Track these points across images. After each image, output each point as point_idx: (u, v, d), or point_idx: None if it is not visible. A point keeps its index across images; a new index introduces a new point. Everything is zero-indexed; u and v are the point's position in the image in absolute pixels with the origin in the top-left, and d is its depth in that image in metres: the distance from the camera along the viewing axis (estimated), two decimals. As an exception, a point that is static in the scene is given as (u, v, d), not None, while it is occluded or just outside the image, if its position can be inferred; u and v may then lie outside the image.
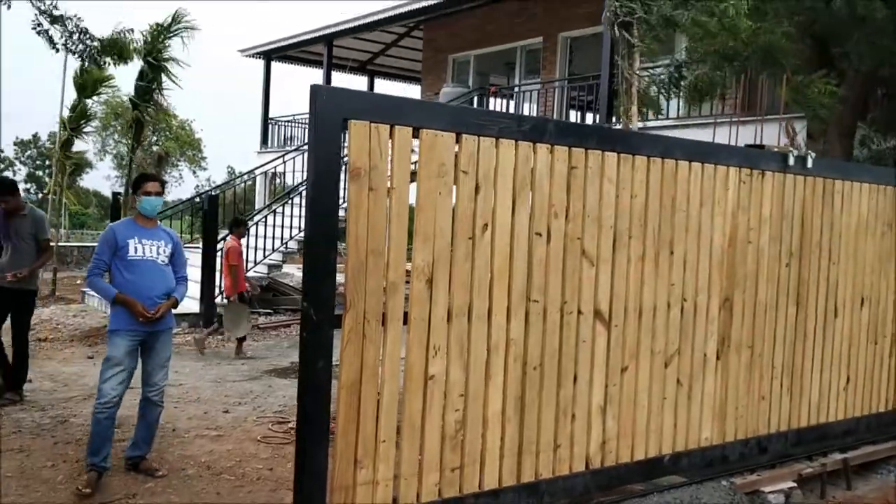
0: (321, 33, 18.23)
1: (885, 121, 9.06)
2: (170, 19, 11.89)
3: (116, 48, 10.13)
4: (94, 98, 13.92)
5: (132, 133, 11.94)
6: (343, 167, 3.45)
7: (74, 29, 7.96)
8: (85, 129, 14.58)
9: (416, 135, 3.50)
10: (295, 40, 19.16)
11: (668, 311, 4.53)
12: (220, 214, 12.59)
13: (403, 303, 3.50)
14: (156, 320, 4.95)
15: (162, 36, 11.61)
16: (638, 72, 7.62)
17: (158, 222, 5.34)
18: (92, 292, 12.95)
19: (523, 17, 15.83)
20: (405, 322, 3.51)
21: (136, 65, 11.93)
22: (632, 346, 4.37)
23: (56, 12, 7.52)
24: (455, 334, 3.66)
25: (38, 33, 7.38)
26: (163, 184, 5.35)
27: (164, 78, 11.88)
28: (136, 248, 4.97)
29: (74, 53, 8.84)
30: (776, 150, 5.39)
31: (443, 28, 17.72)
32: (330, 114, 3.25)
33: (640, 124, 8.80)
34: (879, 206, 5.76)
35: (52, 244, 6.89)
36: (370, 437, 3.42)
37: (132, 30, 11.25)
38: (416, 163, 3.54)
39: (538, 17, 15.64)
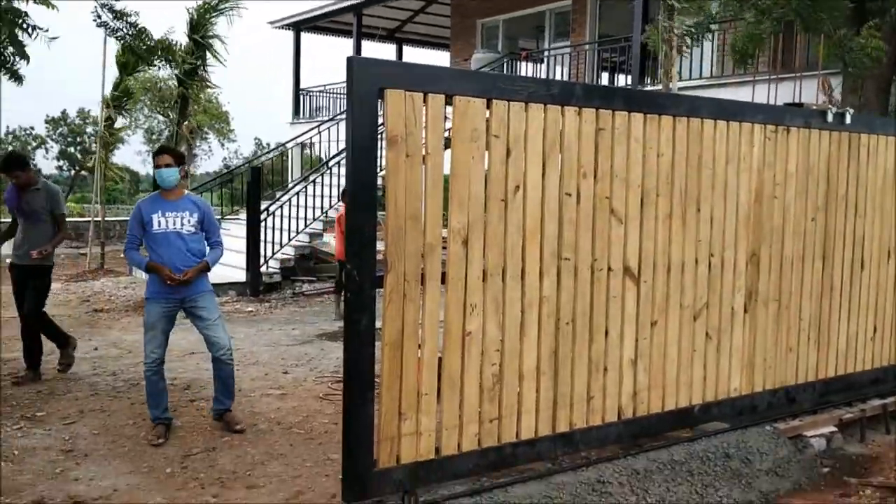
0: (350, 3, 18.28)
1: None
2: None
3: (166, 49, 10.38)
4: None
5: (178, 108, 12.16)
6: (380, 135, 3.60)
7: (130, 26, 8.19)
8: (126, 106, 14.88)
9: (448, 102, 3.64)
10: (324, 10, 19.23)
11: (696, 267, 4.66)
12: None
13: (441, 264, 3.67)
14: (185, 284, 5.23)
15: (208, 14, 11.77)
16: (677, 33, 7.68)
17: (186, 192, 5.56)
18: None
19: None
20: (443, 282, 3.69)
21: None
22: (661, 301, 4.52)
23: (117, 7, 7.72)
24: (490, 293, 3.83)
25: (99, 26, 7.56)
26: (177, 156, 5.50)
27: (208, 55, 12.07)
28: (159, 222, 5.27)
29: (134, 51, 9.04)
30: (815, 107, 5.46)
31: None
32: (367, 84, 3.40)
33: (680, 84, 8.86)
34: (906, 158, 5.80)
35: (66, 219, 6.84)
36: (412, 391, 3.62)
37: (173, 30, 11.43)
38: (449, 129, 3.68)
39: None
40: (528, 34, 18.16)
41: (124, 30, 7.28)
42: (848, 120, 5.35)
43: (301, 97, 20.59)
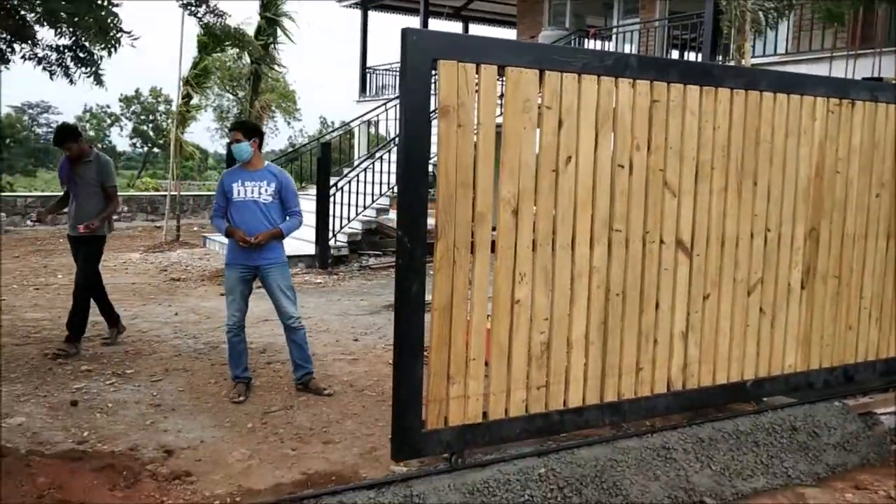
0: None
1: None
2: None
3: (240, 39, 10.73)
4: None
5: (250, 86, 12.48)
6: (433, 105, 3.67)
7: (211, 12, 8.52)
8: (205, 84, 15.31)
9: (501, 73, 3.70)
10: None
11: (751, 241, 4.62)
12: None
13: (491, 232, 3.75)
14: (257, 247, 5.47)
15: None
16: (751, 9, 7.56)
17: (266, 163, 5.78)
18: (212, 237, 13.91)
19: None
20: (493, 251, 3.76)
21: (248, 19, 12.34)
22: (714, 275, 4.50)
23: None
24: (540, 262, 3.89)
25: (189, 13, 7.88)
26: (249, 129, 5.70)
27: (279, 33, 12.34)
28: (238, 191, 5.57)
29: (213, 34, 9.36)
30: (894, 81, 5.32)
31: None
32: (420, 54, 3.48)
33: (753, 60, 8.71)
34: (981, 134, 5.60)
35: (118, 191, 6.96)
36: (461, 356, 3.72)
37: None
38: (502, 98, 3.74)
39: None
40: (597, 11, 17.94)
41: (206, 14, 7.52)
42: None
43: (367, 75, 20.78)
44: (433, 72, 3.54)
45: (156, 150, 49.03)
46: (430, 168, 3.84)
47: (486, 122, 3.66)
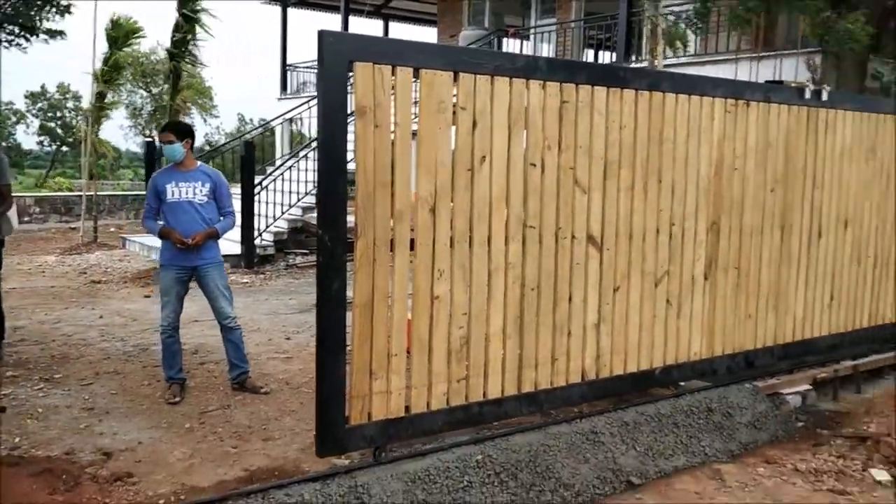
0: None
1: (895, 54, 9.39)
2: None
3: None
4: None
5: (170, 83, 12.19)
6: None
7: None
8: (118, 81, 14.88)
9: (416, 75, 3.79)
10: None
11: (657, 236, 4.85)
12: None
13: (410, 230, 3.84)
14: (194, 248, 5.46)
15: None
16: (663, 12, 7.88)
17: (199, 164, 5.78)
18: (132, 238, 13.69)
19: None
20: (412, 248, 3.85)
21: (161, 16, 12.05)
22: (623, 268, 4.71)
23: None
24: (458, 259, 4.01)
25: None
26: (180, 130, 5.65)
27: (197, 29, 12.10)
28: (172, 192, 5.55)
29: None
30: (794, 84, 5.70)
31: None
32: (336, 56, 3.54)
33: (664, 62, 9.08)
34: (864, 132, 6.02)
35: (12, 190, 6.49)
36: (383, 352, 3.80)
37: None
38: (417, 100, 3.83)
39: None
40: (515, 11, 18.25)
41: None
42: (825, 97, 5.65)
43: (288, 73, 20.59)
44: (350, 73, 3.61)
45: (65, 148, 47.15)
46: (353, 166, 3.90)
47: (402, 122, 3.75)
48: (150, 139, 13.40)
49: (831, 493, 4.33)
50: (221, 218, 5.69)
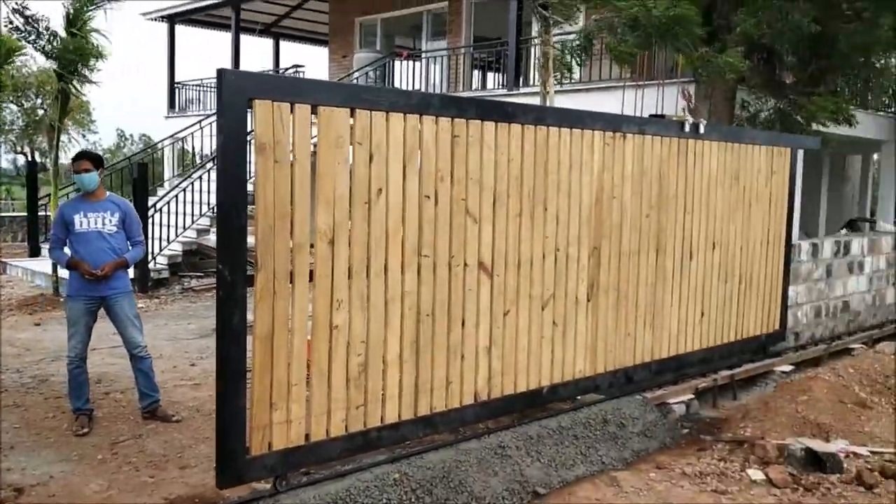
0: None
1: (761, 85, 10.17)
2: None
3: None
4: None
5: (59, 103, 11.64)
6: (249, 142, 3.81)
7: (44, 30, 8.13)
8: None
9: (315, 111, 3.90)
10: (201, 4, 18.81)
11: (544, 261, 5.12)
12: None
13: (309, 261, 3.94)
14: (103, 279, 5.40)
15: (85, 8, 11.37)
16: (554, 45, 8.22)
17: (108, 193, 5.73)
18: (14, 262, 13.27)
19: None
20: (311, 279, 3.95)
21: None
22: (512, 293, 4.95)
23: (28, 12, 7.66)
24: (356, 288, 4.13)
25: (14, 31, 7.37)
26: (96, 160, 5.68)
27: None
28: (81, 222, 5.49)
29: (47, 55, 8.87)
30: (675, 118, 6.21)
31: None
32: (236, 94, 3.61)
33: (556, 88, 9.45)
34: (727, 161, 6.53)
35: None
36: (283, 382, 3.87)
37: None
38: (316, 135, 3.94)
39: None
40: (406, 33, 18.59)
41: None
42: (701, 130, 6.16)
43: (176, 90, 20.05)
44: (249, 110, 3.68)
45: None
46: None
47: (301, 157, 3.85)
48: (24, 155, 12.85)
49: (714, 494, 4.76)
50: (131, 247, 5.66)
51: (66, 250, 5.56)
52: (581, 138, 5.27)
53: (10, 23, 7.83)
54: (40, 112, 30.57)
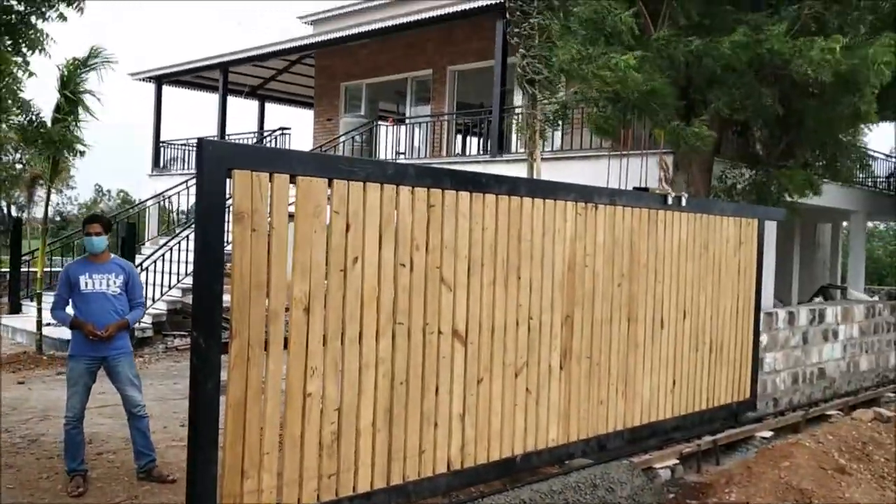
0: (218, 61, 18.29)
1: (737, 157, 10.60)
2: (87, 54, 11.84)
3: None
4: None
5: (50, 166, 11.72)
6: (228, 210, 3.87)
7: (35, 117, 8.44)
8: None
9: (293, 180, 3.99)
10: (190, 66, 19.10)
11: (517, 329, 5.18)
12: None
13: (284, 329, 3.96)
14: (106, 339, 5.44)
15: (79, 70, 11.57)
16: (540, 119, 8.51)
17: (112, 256, 5.81)
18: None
19: (414, 51, 16.63)
20: (286, 346, 3.97)
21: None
22: (486, 361, 4.99)
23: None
24: (330, 356, 4.16)
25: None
26: (106, 224, 5.83)
27: (80, 110, 11.81)
28: (86, 283, 5.56)
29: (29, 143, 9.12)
30: (658, 191, 6.46)
31: (336, 56, 18.25)
32: (215, 164, 3.69)
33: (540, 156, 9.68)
34: (697, 231, 6.68)
35: None
36: (255, 450, 3.85)
37: None
38: (294, 204, 4.02)
39: (428, 51, 16.52)
40: (390, 98, 19.00)
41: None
42: (684, 203, 6.42)
43: (161, 149, 20.17)
44: (228, 179, 3.75)
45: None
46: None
47: (279, 226, 3.92)
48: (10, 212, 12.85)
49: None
50: (132, 308, 5.70)
51: (69, 310, 5.61)
52: (554, 208, 5.39)
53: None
54: (18, 167, 30.56)
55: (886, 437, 7.46)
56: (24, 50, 8.01)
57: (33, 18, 7.87)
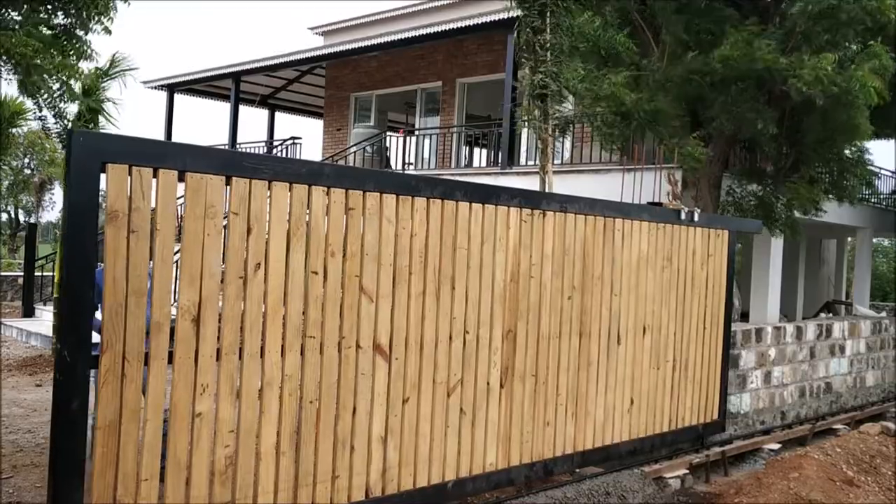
0: (230, 70, 18.25)
1: (744, 172, 10.58)
2: (108, 63, 11.72)
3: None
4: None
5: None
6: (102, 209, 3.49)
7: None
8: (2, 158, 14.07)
9: (182, 178, 3.60)
10: (202, 75, 18.99)
11: (450, 344, 4.78)
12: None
13: (169, 342, 3.57)
14: None
15: (101, 80, 11.46)
16: (552, 134, 8.47)
17: None
18: (8, 322, 13.12)
19: (424, 63, 16.63)
20: (171, 361, 3.58)
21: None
22: (413, 378, 4.59)
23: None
24: (225, 372, 3.76)
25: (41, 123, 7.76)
26: None
27: (100, 118, 11.70)
28: None
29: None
30: (671, 207, 6.38)
31: (346, 67, 18.25)
32: (87, 157, 3.30)
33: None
34: (659, 242, 6.28)
35: None
36: (131, 476, 3.45)
37: None
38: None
39: (438, 63, 16.51)
40: (399, 109, 19.03)
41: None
42: (696, 218, 6.37)
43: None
44: (103, 174, 3.37)
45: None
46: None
47: (164, 227, 3.53)
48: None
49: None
50: None
51: (98, 315, 5.30)
52: (495, 214, 4.99)
53: (40, 118, 8.65)
54: (27, 171, 30.51)
55: (894, 451, 7.46)
56: (73, 60, 8.25)
57: (78, 31, 8.01)
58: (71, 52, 8.14)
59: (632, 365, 6.11)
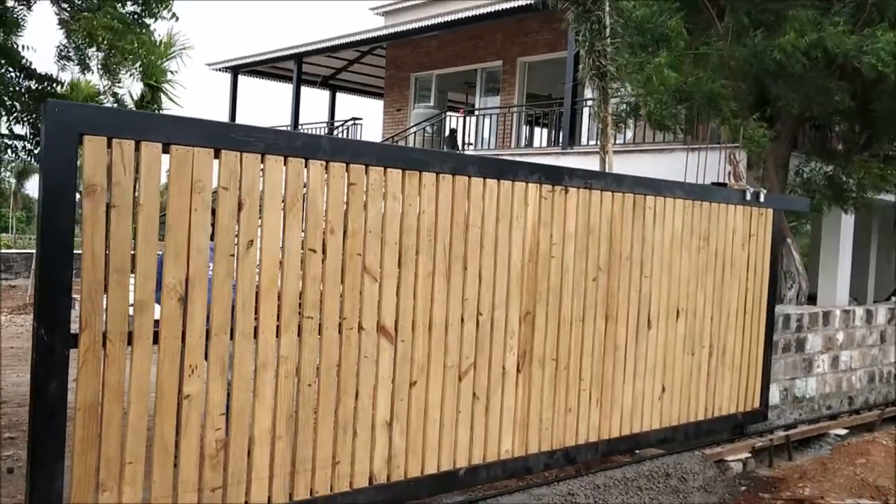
0: (292, 52, 18.45)
1: (813, 151, 10.31)
2: (164, 41, 11.93)
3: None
4: None
5: None
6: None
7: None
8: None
9: (167, 150, 3.46)
10: (265, 57, 19.25)
11: (462, 326, 4.56)
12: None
13: (154, 322, 3.45)
14: None
15: (160, 60, 11.70)
16: (612, 115, 8.42)
17: None
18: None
19: (484, 42, 16.52)
20: (156, 341, 3.46)
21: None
22: (421, 361, 4.39)
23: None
24: (216, 353, 3.62)
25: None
26: None
27: (162, 98, 11.94)
28: None
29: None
30: (736, 188, 6.13)
31: (406, 47, 18.25)
32: (63, 129, 3.18)
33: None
34: (695, 221, 5.93)
35: None
36: (115, 460, 3.35)
37: None
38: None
39: (498, 42, 16.40)
40: (459, 88, 18.98)
41: None
42: (762, 198, 6.20)
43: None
44: (81, 147, 3.24)
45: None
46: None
47: (148, 203, 3.39)
48: None
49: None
50: None
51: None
52: (511, 191, 4.74)
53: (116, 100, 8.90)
54: None
55: (965, 438, 7.27)
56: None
57: (146, 19, 8.13)
58: (144, 35, 8.29)
59: (663, 350, 5.81)
